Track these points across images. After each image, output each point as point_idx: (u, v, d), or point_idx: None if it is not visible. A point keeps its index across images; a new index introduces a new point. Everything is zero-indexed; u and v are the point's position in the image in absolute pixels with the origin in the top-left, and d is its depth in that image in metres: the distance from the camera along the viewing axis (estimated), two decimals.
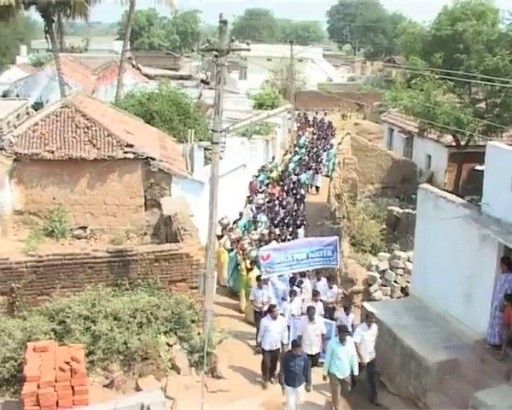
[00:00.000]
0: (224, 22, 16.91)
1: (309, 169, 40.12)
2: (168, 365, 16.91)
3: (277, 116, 47.10)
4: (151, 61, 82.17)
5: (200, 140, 31.48)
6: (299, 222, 28.97)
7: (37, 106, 43.28)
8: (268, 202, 31.20)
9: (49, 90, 48.44)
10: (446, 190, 23.78)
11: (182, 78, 67.83)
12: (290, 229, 28.03)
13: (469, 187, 33.28)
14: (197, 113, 38.27)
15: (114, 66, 54.66)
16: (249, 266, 21.95)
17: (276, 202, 31.64)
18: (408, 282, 22.27)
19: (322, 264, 19.77)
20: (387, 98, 41.41)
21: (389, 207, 31.39)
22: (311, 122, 59.85)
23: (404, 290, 22.71)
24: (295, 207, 31.26)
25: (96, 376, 16.08)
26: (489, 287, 16.28)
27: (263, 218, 28.91)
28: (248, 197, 32.32)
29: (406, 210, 29.64)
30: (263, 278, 19.61)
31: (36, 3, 40.01)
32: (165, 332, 17.63)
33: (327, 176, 40.35)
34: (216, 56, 16.80)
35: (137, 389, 15.90)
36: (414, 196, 26.16)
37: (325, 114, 62.83)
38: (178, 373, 16.83)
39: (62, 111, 26.63)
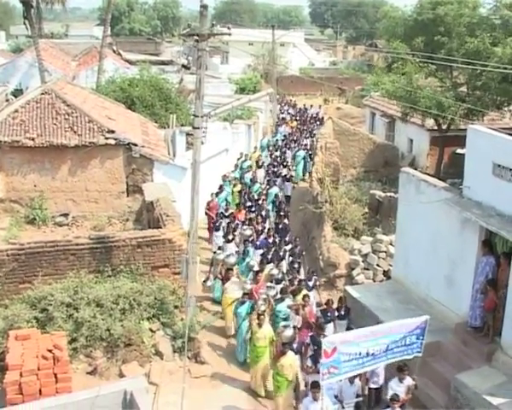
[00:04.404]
0: (204, 7, 16.84)
1: (277, 177, 33.07)
2: (151, 351, 16.95)
3: (259, 101, 46.96)
4: (132, 47, 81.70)
5: (182, 125, 31.39)
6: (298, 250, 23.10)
7: (17, 93, 42.86)
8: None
9: (29, 77, 47.94)
10: (428, 174, 23.84)
11: (163, 63, 67.53)
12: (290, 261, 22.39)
13: (451, 170, 33.40)
14: (178, 98, 38.18)
15: (95, 51, 54.20)
16: (282, 350, 15.49)
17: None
18: (390, 265, 22.35)
19: (402, 355, 14.20)
20: (369, 82, 41.44)
21: (371, 191, 31.38)
22: (296, 116, 54.95)
23: (387, 274, 22.77)
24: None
25: (80, 363, 16.08)
26: (470, 270, 16.40)
27: (252, 253, 22.58)
28: (214, 223, 25.31)
29: (388, 194, 29.66)
30: (323, 383, 13.28)
31: None
32: (148, 318, 17.65)
33: (295, 183, 34.76)
34: (197, 41, 16.73)
35: (121, 375, 15.92)
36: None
37: (320, 106, 57.75)
38: (162, 359, 16.88)
39: (42, 98, 26.45)
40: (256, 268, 20.71)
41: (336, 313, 18.03)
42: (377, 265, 23.40)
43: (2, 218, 24.49)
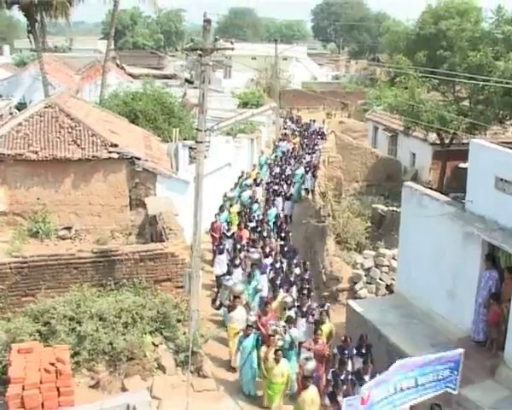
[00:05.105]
0: (207, 21, 16.87)
1: (278, 196, 31.99)
2: (154, 365, 16.88)
3: (262, 115, 47.04)
4: (135, 61, 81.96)
5: (185, 139, 31.45)
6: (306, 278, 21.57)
7: (21, 106, 42.94)
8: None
9: (33, 91, 48.08)
10: (431, 188, 23.88)
11: (166, 77, 67.79)
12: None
13: (453, 185, 33.47)
14: (182, 112, 38.26)
15: (98, 65, 54.41)
16: (304, 383, 15.07)
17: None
18: (393, 279, 22.37)
19: (435, 390, 13.33)
20: (372, 96, 41.60)
21: (374, 205, 31.48)
22: (301, 131, 53.49)
23: (389, 288, 22.80)
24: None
25: (82, 377, 16.02)
26: (473, 284, 16.41)
27: (259, 277, 21.56)
28: (218, 246, 24.12)
29: (391, 208, 29.76)
30: None
31: (18, 3, 39.80)
32: (151, 332, 17.59)
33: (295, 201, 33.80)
34: (200, 55, 16.78)
35: (123, 389, 15.86)
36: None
37: (323, 121, 56.08)
38: (164, 373, 16.81)
39: (46, 111, 26.48)
40: (264, 294, 20.35)
41: (355, 351, 16.92)
42: (380, 279, 23.42)
43: (6, 231, 24.48)
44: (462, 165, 32.03)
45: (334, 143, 39.57)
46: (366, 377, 15.11)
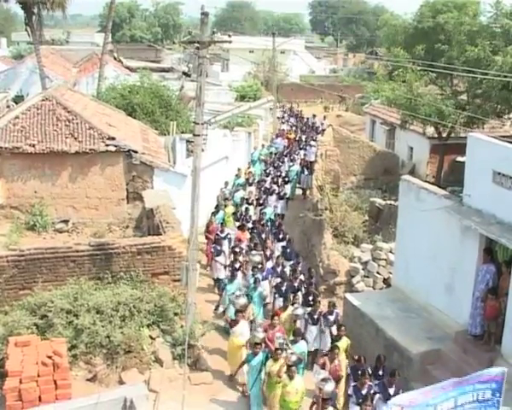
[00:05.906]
0: (205, 14, 16.84)
1: (271, 194, 30.30)
2: (151, 358, 16.91)
3: (260, 108, 46.92)
4: (133, 54, 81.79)
5: (182, 132, 31.41)
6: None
7: (18, 99, 42.88)
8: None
9: (30, 84, 47.99)
10: (428, 182, 23.87)
11: (163, 70, 67.68)
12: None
13: (451, 178, 33.45)
14: (179, 105, 38.20)
15: (96, 58, 54.33)
16: (323, 406, 13.87)
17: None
18: (390, 273, 22.36)
19: None
20: (369, 90, 41.47)
21: (371, 199, 31.42)
22: (301, 126, 51.72)
23: (387, 282, 22.78)
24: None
25: (79, 370, 16.03)
26: (470, 278, 16.41)
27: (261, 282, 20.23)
28: (214, 248, 22.81)
29: (388, 201, 29.70)
30: None
31: None
32: (148, 325, 17.60)
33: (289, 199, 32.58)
34: (197, 49, 16.74)
35: (120, 382, 15.88)
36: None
37: (324, 117, 53.52)
38: (161, 366, 16.83)
39: (43, 104, 26.47)
40: (268, 300, 19.99)
41: (370, 371, 15.52)
42: (377, 272, 23.41)
43: (3, 224, 24.47)
44: (459, 159, 32.01)
45: (332, 136, 39.45)
46: (391, 390, 14.51)
